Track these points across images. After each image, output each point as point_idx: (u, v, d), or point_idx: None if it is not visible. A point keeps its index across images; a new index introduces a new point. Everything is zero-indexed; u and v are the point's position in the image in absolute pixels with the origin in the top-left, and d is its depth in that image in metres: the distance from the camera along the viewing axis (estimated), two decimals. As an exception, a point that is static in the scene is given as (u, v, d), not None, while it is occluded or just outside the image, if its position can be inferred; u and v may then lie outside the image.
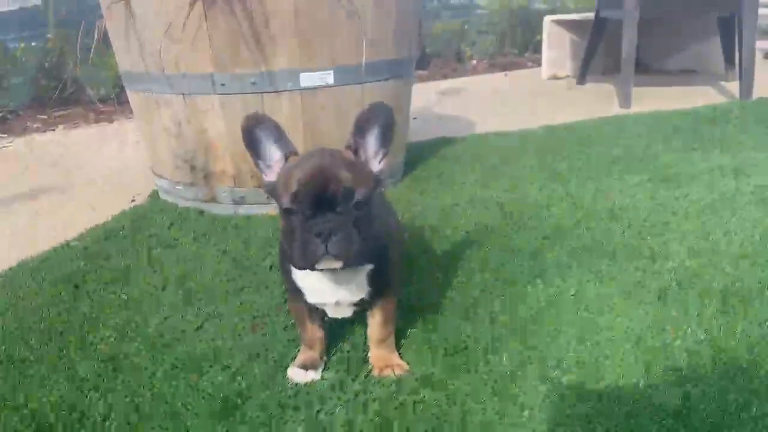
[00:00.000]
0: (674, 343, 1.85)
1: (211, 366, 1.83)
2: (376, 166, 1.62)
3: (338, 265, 1.49)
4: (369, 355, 1.83)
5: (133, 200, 3.44)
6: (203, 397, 1.68)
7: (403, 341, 1.92)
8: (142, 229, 2.92)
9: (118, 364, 1.85)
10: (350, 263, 1.50)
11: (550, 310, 2.08)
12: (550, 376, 1.73)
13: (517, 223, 2.81)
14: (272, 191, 1.60)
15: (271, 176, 1.61)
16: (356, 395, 1.68)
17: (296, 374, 1.77)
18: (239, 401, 1.66)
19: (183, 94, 2.88)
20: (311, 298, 1.72)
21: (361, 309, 1.77)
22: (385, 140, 1.59)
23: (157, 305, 2.20)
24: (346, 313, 1.76)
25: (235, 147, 2.93)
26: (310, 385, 1.73)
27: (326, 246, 1.44)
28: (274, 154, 1.59)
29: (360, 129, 1.57)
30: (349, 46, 2.86)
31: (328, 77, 2.86)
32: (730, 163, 3.48)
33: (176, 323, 2.08)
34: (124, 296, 2.27)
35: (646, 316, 2.01)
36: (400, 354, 1.85)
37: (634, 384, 1.68)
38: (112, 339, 1.99)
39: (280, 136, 1.59)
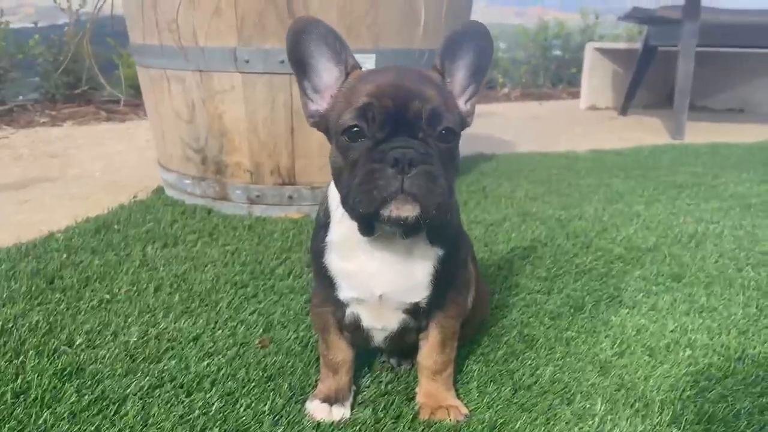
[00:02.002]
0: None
1: (204, 390, 1.37)
2: (462, 104, 1.20)
3: (414, 211, 1.03)
4: (417, 390, 1.37)
5: (135, 195, 3.02)
6: (189, 431, 1.23)
7: (458, 376, 1.46)
8: (139, 224, 2.49)
9: (79, 377, 1.40)
10: (431, 213, 1.04)
11: (643, 343, 1.62)
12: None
13: (582, 241, 2.36)
14: (321, 120, 1.19)
15: (320, 104, 1.19)
16: (400, 443, 1.22)
17: (318, 410, 1.30)
18: (239, 441, 1.21)
19: (200, 71, 2.48)
20: (347, 290, 1.25)
21: (414, 321, 1.30)
22: (479, 72, 1.18)
23: (144, 309, 1.76)
24: (391, 323, 1.29)
25: (255, 136, 2.52)
26: (336, 426, 1.27)
27: (403, 180, 1.01)
28: (327, 74, 1.18)
29: (450, 51, 1.16)
30: (397, 25, 2.46)
31: (368, 62, 2.45)
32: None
33: (166, 331, 1.63)
34: (106, 296, 1.83)
35: (776, 361, 1.54)
36: (457, 392, 1.39)
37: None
38: (81, 346, 1.54)
39: (338, 49, 1.16)
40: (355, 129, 1.07)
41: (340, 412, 1.30)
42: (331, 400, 1.32)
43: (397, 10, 2.43)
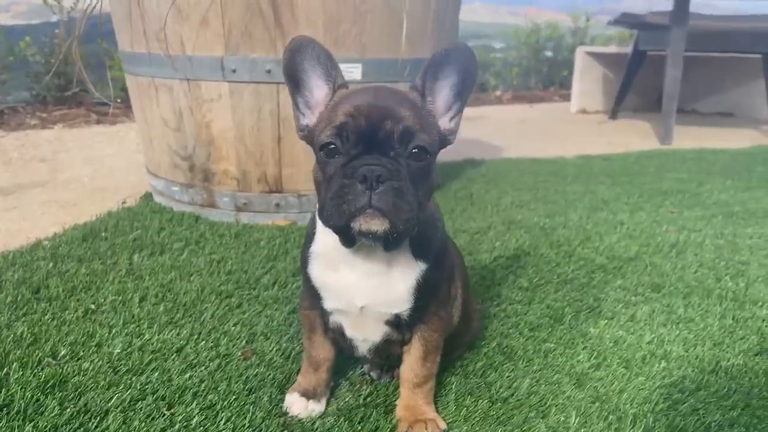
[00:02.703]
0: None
1: (186, 403, 1.39)
2: (445, 122, 1.23)
3: (382, 226, 1.07)
4: (397, 403, 1.39)
5: (123, 202, 3.03)
6: (170, 446, 1.25)
7: (437, 388, 1.48)
8: (126, 231, 2.50)
9: (62, 390, 1.41)
10: (398, 228, 1.08)
11: (620, 355, 1.65)
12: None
13: (565, 250, 2.39)
14: (309, 135, 1.23)
15: (310, 119, 1.24)
16: (376, 457, 1.24)
17: (295, 404, 1.37)
18: (218, 455, 1.23)
19: (187, 80, 2.50)
20: (331, 301, 1.30)
21: (396, 333, 1.33)
22: (463, 91, 1.21)
23: (129, 319, 1.78)
24: (374, 334, 1.33)
25: (242, 145, 2.54)
26: (313, 430, 1.29)
27: (371, 196, 1.06)
28: (318, 90, 1.23)
29: (433, 71, 1.20)
30: (382, 35, 2.48)
31: (355, 71, 2.48)
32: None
33: (150, 342, 1.65)
34: (91, 306, 1.85)
35: (749, 372, 1.57)
36: (436, 405, 1.41)
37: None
38: (65, 357, 1.56)
39: (329, 69, 1.22)
40: (332, 146, 1.12)
41: (315, 407, 1.38)
42: (309, 394, 1.39)
43: (382, 22, 2.45)
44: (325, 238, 1.26)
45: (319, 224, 1.27)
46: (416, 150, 1.12)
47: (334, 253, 1.25)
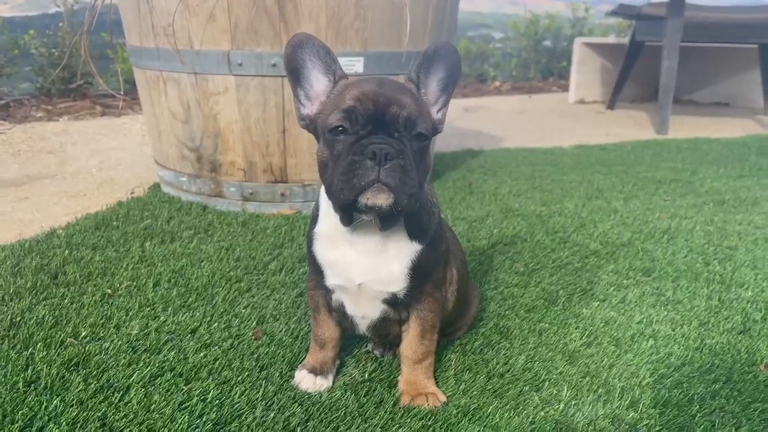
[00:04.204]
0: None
1: (202, 379, 1.48)
2: (434, 113, 1.35)
3: (387, 200, 1.18)
4: (399, 378, 1.49)
5: (132, 192, 3.12)
6: (188, 416, 1.34)
7: (437, 364, 1.58)
8: (137, 220, 2.59)
9: (86, 368, 1.50)
10: (402, 202, 1.19)
11: (610, 334, 1.74)
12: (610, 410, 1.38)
13: (561, 237, 2.48)
14: (311, 123, 1.33)
15: (310, 108, 1.34)
16: (380, 428, 1.33)
17: (305, 380, 1.48)
18: (234, 427, 1.32)
19: (195, 74, 2.58)
20: (331, 278, 1.40)
21: (393, 312, 1.43)
22: (448, 86, 1.33)
23: (144, 303, 1.87)
24: (372, 312, 1.43)
25: (248, 136, 2.62)
26: (322, 410, 1.39)
27: (379, 171, 1.16)
28: (318, 83, 1.33)
29: (425, 66, 1.31)
30: (383, 29, 2.56)
31: (357, 64, 2.56)
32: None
33: (165, 324, 1.74)
34: (107, 290, 1.94)
35: (732, 349, 1.66)
36: (436, 380, 1.51)
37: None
38: (86, 338, 1.65)
39: (328, 63, 1.32)
40: (341, 127, 1.21)
41: (323, 383, 1.48)
42: (316, 371, 1.49)
43: (384, 16, 2.53)
44: (328, 219, 1.36)
45: (323, 206, 1.38)
46: (417, 134, 1.23)
47: (336, 232, 1.36)
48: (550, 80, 8.71)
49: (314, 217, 1.42)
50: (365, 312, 1.43)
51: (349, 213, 1.27)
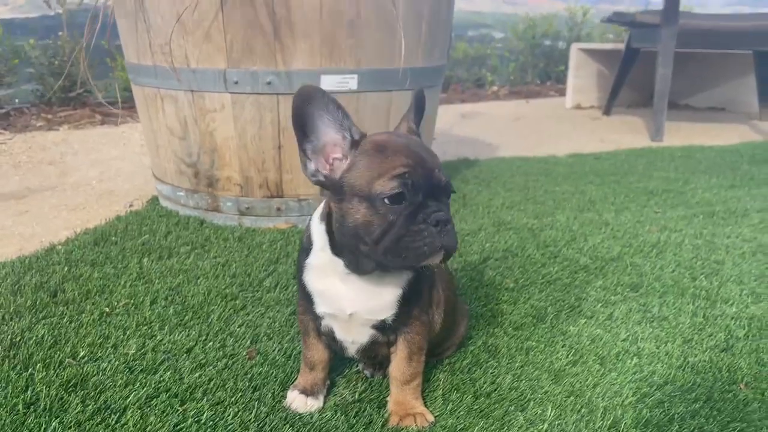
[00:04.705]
0: (749, 403, 1.54)
1: (196, 400, 1.53)
2: None
3: (440, 260, 1.30)
4: (388, 399, 1.53)
5: (130, 205, 3.17)
6: (184, 439, 1.39)
7: (426, 384, 1.62)
8: (135, 236, 2.64)
9: (83, 388, 1.55)
10: (449, 258, 1.33)
11: (596, 352, 1.79)
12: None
13: (551, 251, 2.52)
14: (328, 181, 1.32)
15: (320, 164, 1.33)
16: (369, 447, 1.38)
17: (296, 401, 1.52)
18: (227, 446, 1.37)
19: (192, 91, 2.62)
20: (322, 306, 1.44)
21: (382, 336, 1.47)
22: (418, 128, 1.43)
23: (141, 321, 1.91)
24: (361, 337, 1.47)
25: (244, 153, 2.67)
26: (312, 424, 1.43)
27: (441, 237, 1.25)
28: (327, 138, 1.31)
29: (417, 114, 1.40)
30: (377, 47, 2.60)
31: (351, 82, 2.60)
32: (781, 202, 3.20)
33: (161, 344, 1.78)
34: (105, 309, 1.99)
35: (713, 367, 1.71)
36: (425, 399, 1.55)
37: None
38: (84, 358, 1.70)
39: (339, 118, 1.30)
40: (399, 194, 1.24)
41: (314, 403, 1.52)
42: (307, 392, 1.53)
43: (377, 34, 2.57)
44: (321, 255, 1.40)
45: (317, 241, 1.40)
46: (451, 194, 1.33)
47: (328, 267, 1.40)
48: (547, 84, 8.76)
49: (306, 249, 1.45)
50: (355, 337, 1.47)
51: (382, 267, 1.32)
